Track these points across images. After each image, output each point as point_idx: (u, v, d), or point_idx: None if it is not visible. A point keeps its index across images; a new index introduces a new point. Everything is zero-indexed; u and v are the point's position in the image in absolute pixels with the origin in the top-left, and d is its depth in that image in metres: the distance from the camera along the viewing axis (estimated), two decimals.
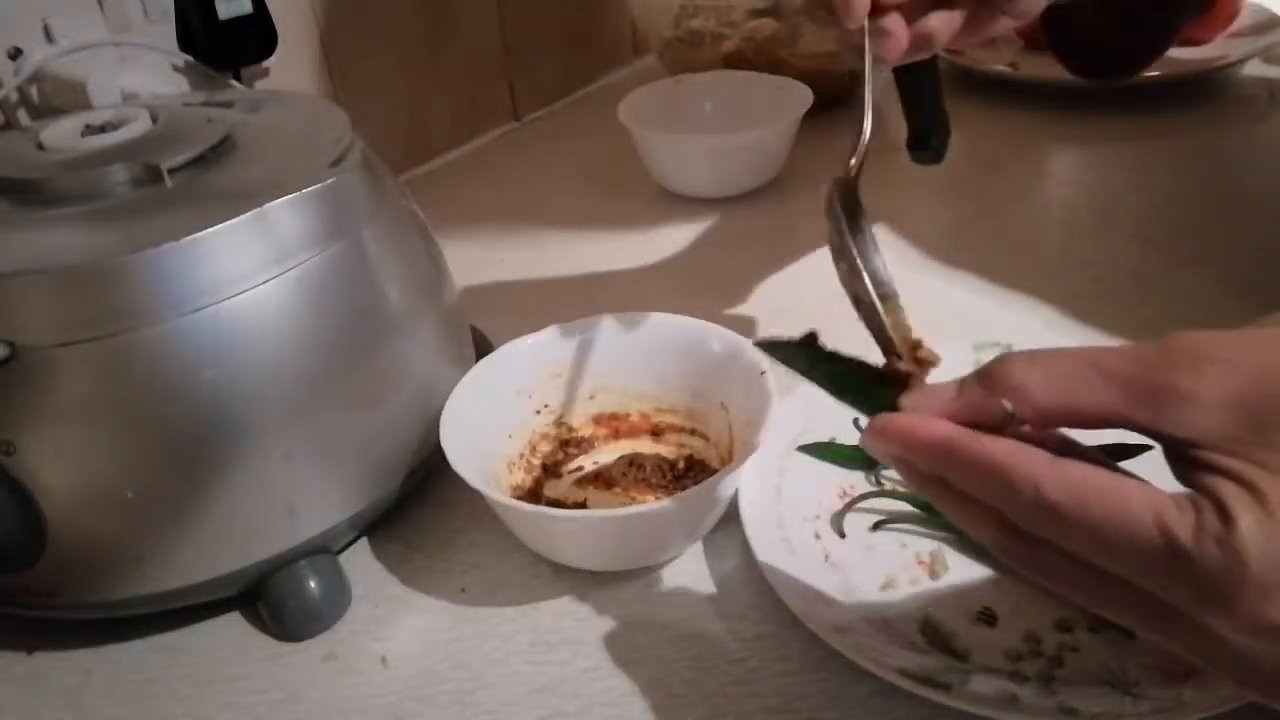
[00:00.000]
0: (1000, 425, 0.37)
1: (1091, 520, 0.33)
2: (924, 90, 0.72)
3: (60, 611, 0.55)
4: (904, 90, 0.73)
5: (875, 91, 0.57)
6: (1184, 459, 0.34)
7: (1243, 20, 1.19)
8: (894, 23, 0.59)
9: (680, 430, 0.66)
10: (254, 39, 0.89)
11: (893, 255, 0.86)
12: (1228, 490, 0.32)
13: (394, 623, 0.58)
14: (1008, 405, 0.37)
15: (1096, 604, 0.37)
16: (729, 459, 0.62)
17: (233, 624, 0.59)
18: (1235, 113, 1.10)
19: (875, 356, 0.45)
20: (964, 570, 0.56)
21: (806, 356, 0.45)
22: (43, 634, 0.58)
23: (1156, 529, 0.32)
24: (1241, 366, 0.33)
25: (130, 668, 0.57)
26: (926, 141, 0.72)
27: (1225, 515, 0.31)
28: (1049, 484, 0.34)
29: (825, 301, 0.82)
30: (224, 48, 0.87)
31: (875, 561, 0.57)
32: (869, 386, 0.43)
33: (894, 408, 0.41)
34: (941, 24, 0.60)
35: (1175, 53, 1.08)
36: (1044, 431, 0.38)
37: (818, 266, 0.87)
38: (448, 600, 0.59)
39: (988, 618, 0.53)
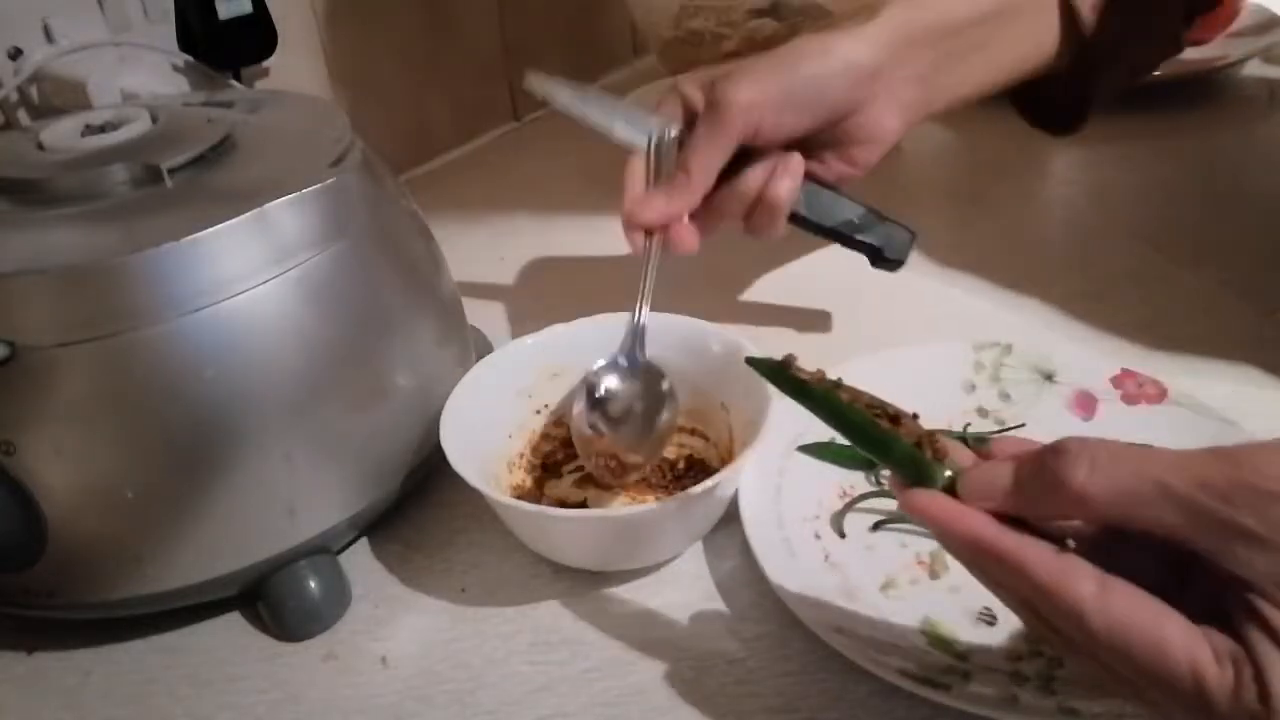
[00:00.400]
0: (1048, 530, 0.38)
1: (1132, 661, 0.34)
2: (827, 229, 0.71)
3: (60, 611, 0.55)
4: (824, 235, 0.72)
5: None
6: (1238, 598, 0.34)
7: (1243, 20, 1.19)
8: (676, 231, 0.65)
9: (680, 430, 0.66)
10: (254, 39, 0.89)
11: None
12: (1272, 658, 0.32)
13: (394, 623, 0.58)
14: (1070, 544, 0.38)
15: (1132, 703, 0.38)
16: (729, 459, 0.62)
17: (233, 624, 0.59)
18: (1235, 112, 1.10)
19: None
20: (964, 570, 0.56)
21: (792, 385, 0.45)
22: (43, 634, 0.58)
23: (1194, 684, 0.33)
24: None
25: (130, 668, 0.57)
26: (878, 257, 0.72)
27: (1263, 685, 0.32)
28: (1093, 617, 0.35)
29: (826, 301, 0.83)
30: (224, 48, 0.87)
31: (875, 561, 0.57)
32: (880, 433, 0.42)
33: (913, 459, 0.41)
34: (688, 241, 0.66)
35: None
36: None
37: (819, 266, 0.88)
38: (448, 600, 0.59)
39: (988, 618, 0.53)
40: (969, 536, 0.38)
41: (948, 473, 0.40)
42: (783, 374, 0.45)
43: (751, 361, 0.48)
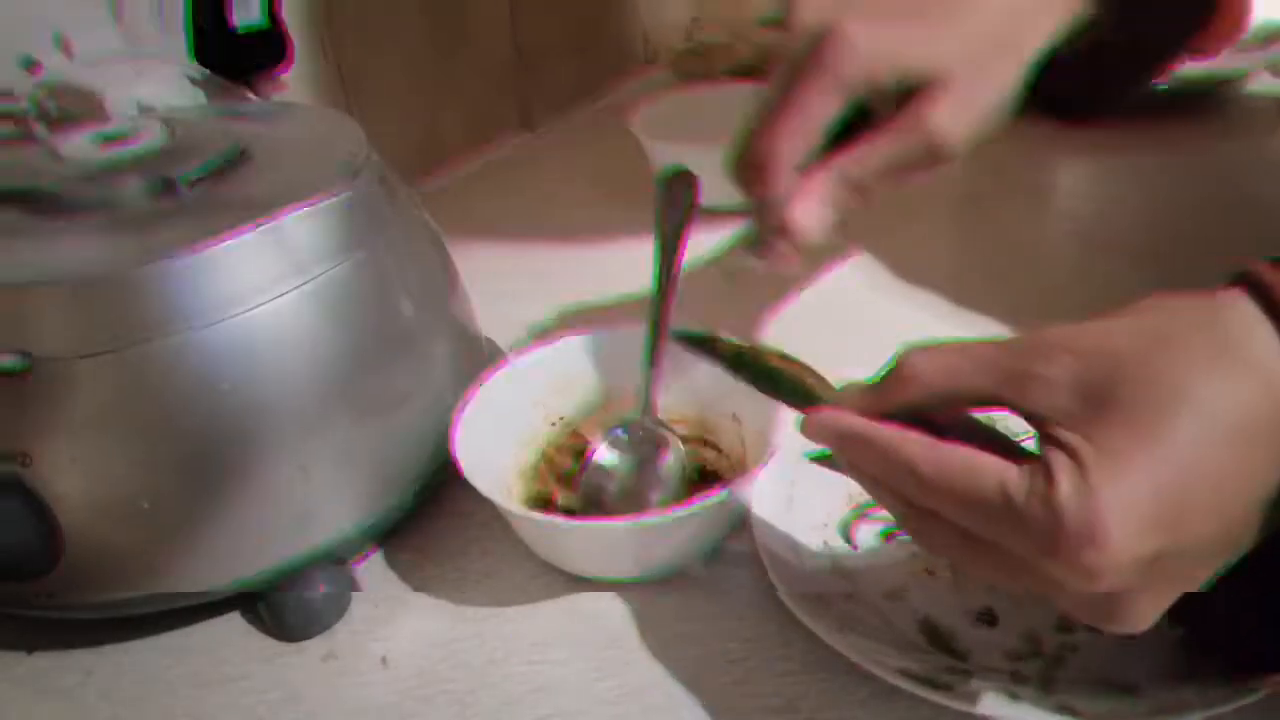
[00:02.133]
0: (906, 412, 0.44)
1: (953, 488, 0.40)
2: None
3: (60, 611, 0.56)
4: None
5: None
6: (1040, 433, 0.40)
7: (1249, 33, 1.19)
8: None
9: (692, 441, 0.66)
10: (268, 51, 0.90)
11: (893, 258, 0.87)
12: (1058, 460, 0.38)
13: (394, 623, 0.58)
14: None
15: (970, 567, 0.42)
16: (741, 470, 0.62)
17: (233, 624, 0.59)
18: (1241, 124, 1.09)
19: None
20: (964, 570, 0.56)
21: (730, 356, 0.53)
22: (43, 634, 0.58)
23: (999, 491, 0.38)
24: (1087, 353, 0.40)
25: (130, 668, 0.57)
26: None
27: (1050, 479, 0.37)
28: (923, 463, 0.41)
29: (828, 303, 0.83)
30: (238, 60, 0.87)
31: (883, 570, 0.57)
32: (806, 385, 0.50)
33: (812, 394, 0.49)
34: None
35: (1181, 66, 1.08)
36: (952, 415, 0.44)
37: (820, 267, 0.88)
38: (448, 600, 0.59)
39: (988, 618, 0.53)
40: (842, 429, 0.44)
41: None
42: (708, 343, 0.53)
43: (679, 335, 0.56)
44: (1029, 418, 0.40)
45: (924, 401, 0.44)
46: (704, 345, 0.54)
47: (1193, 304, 0.42)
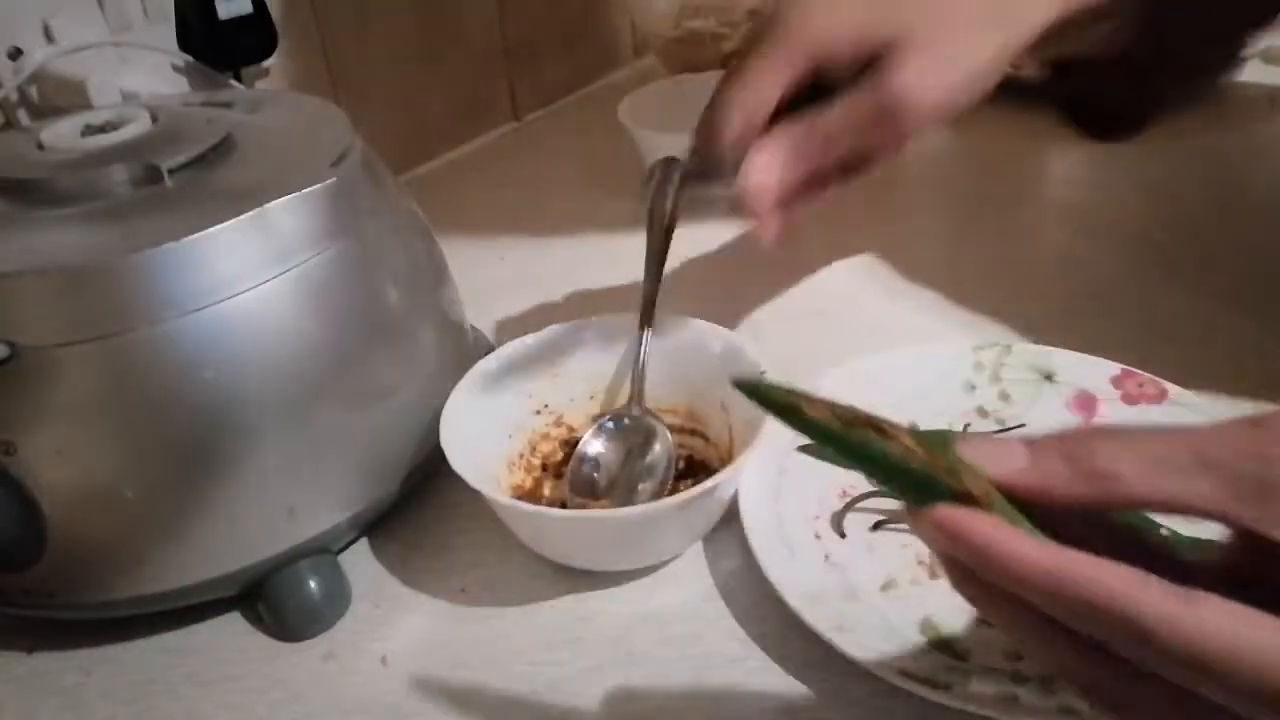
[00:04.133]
0: (1072, 510, 0.33)
1: (1240, 678, 0.29)
2: None
3: (60, 611, 0.55)
4: None
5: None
6: None
7: None
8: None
9: (680, 430, 0.66)
10: (254, 39, 0.89)
11: (893, 257, 0.87)
12: None
13: (394, 623, 0.58)
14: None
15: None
16: (729, 459, 0.62)
17: (233, 624, 0.59)
18: (1235, 114, 1.09)
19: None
20: None
21: (817, 429, 0.37)
22: (43, 634, 0.58)
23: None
24: None
25: (130, 668, 0.57)
26: None
27: None
28: (1190, 631, 0.29)
29: (828, 302, 0.83)
30: (224, 48, 0.87)
31: (875, 561, 0.57)
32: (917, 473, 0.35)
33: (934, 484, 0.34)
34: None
35: None
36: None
37: (820, 266, 0.88)
38: (448, 600, 0.59)
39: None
40: (1030, 563, 0.31)
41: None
42: (794, 415, 0.37)
43: (751, 391, 0.37)
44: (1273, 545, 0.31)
45: (1112, 506, 0.33)
46: (783, 412, 0.37)
47: None
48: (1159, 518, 0.35)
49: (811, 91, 0.56)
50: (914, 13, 0.54)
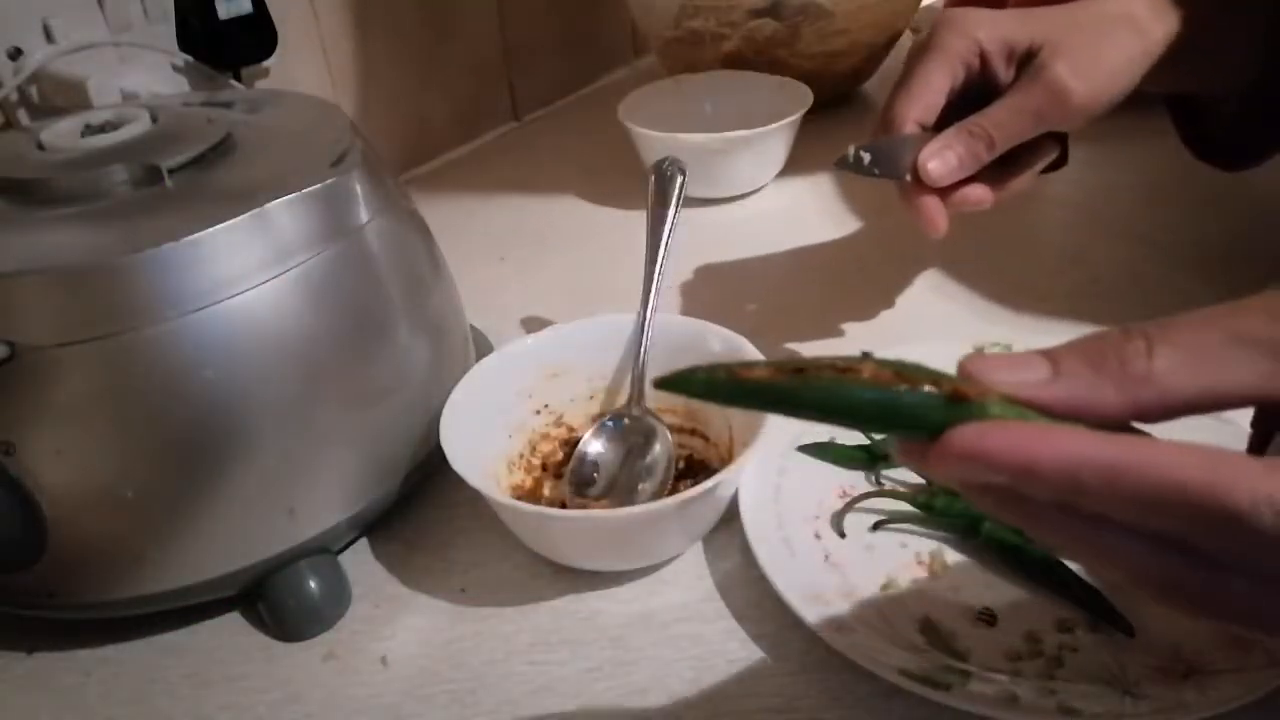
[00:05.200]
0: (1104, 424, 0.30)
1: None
2: None
3: (60, 611, 0.55)
4: None
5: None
6: None
7: None
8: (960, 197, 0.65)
9: (680, 430, 0.66)
10: (254, 39, 0.89)
11: (893, 257, 0.87)
12: None
13: (394, 623, 0.58)
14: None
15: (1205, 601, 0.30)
16: (729, 459, 0.62)
17: (233, 624, 0.59)
18: None
19: None
20: (964, 570, 0.56)
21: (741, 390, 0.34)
22: (43, 634, 0.58)
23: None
24: None
25: (130, 668, 0.57)
26: None
27: None
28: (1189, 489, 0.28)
29: (828, 301, 0.83)
30: (224, 48, 0.87)
31: (875, 561, 0.57)
32: (890, 396, 0.32)
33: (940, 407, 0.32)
34: (980, 195, 0.65)
35: None
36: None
37: (819, 266, 0.88)
38: (448, 600, 0.59)
39: (988, 618, 0.53)
40: (1083, 459, 0.29)
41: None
42: (723, 381, 0.34)
43: (666, 383, 0.35)
44: None
45: (1149, 416, 0.31)
46: (717, 390, 0.35)
47: None
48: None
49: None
50: (1058, 22, 0.63)
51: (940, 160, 0.62)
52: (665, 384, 0.34)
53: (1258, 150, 0.74)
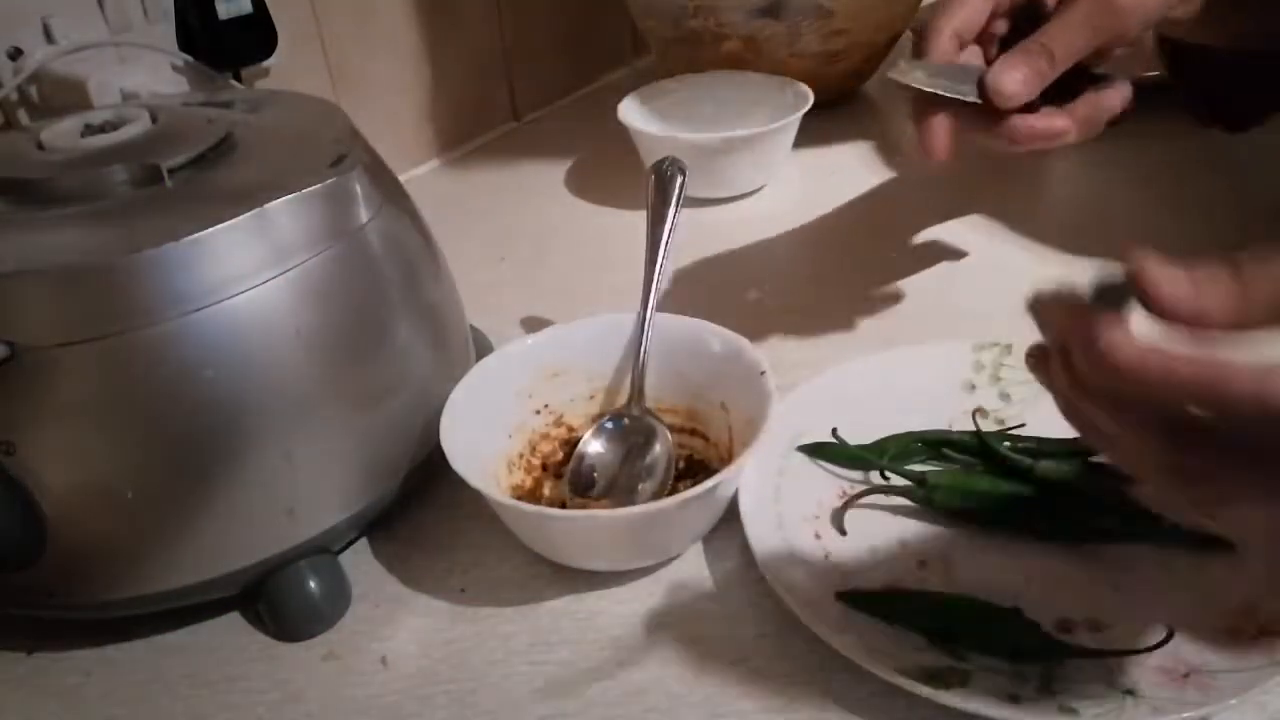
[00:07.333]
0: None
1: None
2: None
3: (60, 611, 0.55)
4: None
5: None
6: None
7: None
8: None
9: (680, 430, 0.66)
10: (254, 39, 0.89)
11: (892, 256, 0.87)
12: None
13: (394, 623, 0.58)
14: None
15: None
16: (729, 459, 0.62)
17: (233, 624, 0.59)
18: None
19: None
20: (964, 570, 0.56)
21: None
22: (43, 634, 0.58)
23: None
24: None
25: (130, 668, 0.57)
26: None
27: None
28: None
29: (828, 301, 0.83)
30: (224, 48, 0.87)
31: (875, 562, 0.57)
32: None
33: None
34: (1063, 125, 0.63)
35: None
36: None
37: (819, 265, 0.88)
38: (447, 600, 0.59)
39: None
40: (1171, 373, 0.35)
41: None
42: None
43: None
44: None
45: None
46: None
47: None
48: None
49: None
50: None
51: (1008, 77, 0.61)
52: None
53: (1257, 111, 0.73)
